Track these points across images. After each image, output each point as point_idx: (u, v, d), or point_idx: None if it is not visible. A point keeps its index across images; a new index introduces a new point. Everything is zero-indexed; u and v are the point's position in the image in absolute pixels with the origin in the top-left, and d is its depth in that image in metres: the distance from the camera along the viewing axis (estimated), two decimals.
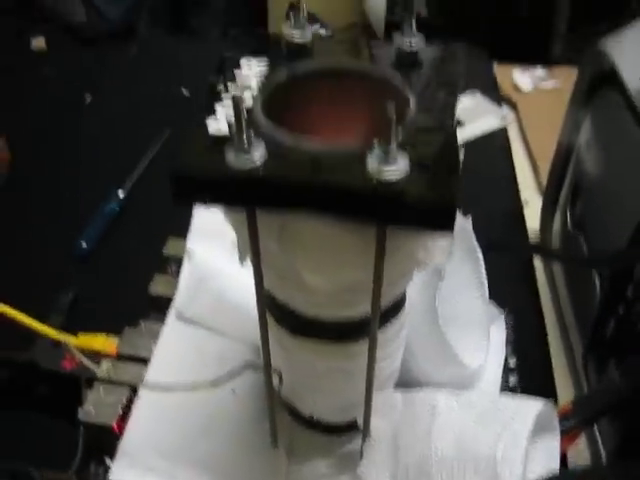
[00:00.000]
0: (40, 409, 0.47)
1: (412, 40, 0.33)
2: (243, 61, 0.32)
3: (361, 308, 0.33)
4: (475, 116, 0.73)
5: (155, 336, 0.47)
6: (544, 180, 0.63)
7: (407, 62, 0.33)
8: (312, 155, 0.26)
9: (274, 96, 0.31)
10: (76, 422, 0.42)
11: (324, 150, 0.27)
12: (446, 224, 0.25)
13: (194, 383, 0.34)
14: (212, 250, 0.48)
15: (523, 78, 0.81)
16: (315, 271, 0.30)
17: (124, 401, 0.42)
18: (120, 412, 0.42)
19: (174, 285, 0.50)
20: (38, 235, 0.62)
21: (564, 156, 0.55)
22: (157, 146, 0.70)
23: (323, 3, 1.59)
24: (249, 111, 0.29)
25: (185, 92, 0.80)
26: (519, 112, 0.78)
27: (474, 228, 0.46)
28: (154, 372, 0.43)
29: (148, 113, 0.77)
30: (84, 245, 0.59)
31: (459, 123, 0.72)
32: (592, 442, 0.41)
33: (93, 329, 0.49)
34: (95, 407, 0.42)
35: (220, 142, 0.26)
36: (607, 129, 0.47)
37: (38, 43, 0.88)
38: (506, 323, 0.49)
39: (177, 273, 0.51)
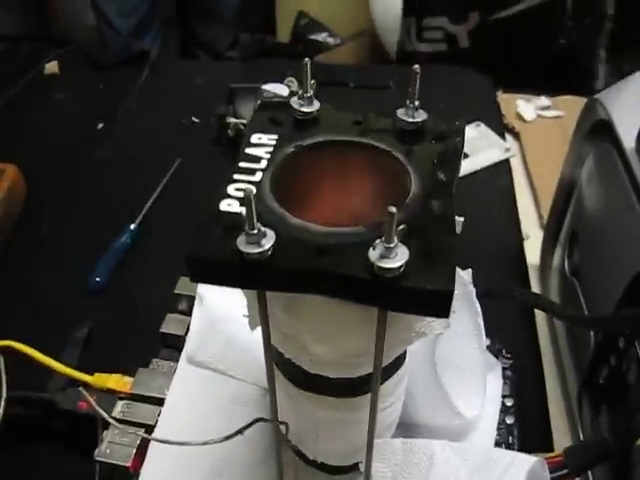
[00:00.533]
0: (56, 444, 0.49)
1: (415, 115, 0.35)
2: (254, 137, 0.34)
3: (363, 369, 0.35)
4: (479, 148, 0.75)
5: (168, 376, 0.49)
6: (545, 213, 0.64)
7: (409, 136, 0.35)
8: (318, 241, 0.28)
9: (282, 167, 0.33)
10: (92, 460, 0.45)
11: (329, 234, 0.29)
12: (443, 311, 0.27)
13: (206, 436, 0.36)
14: (223, 294, 0.49)
15: (527, 107, 0.83)
16: (319, 341, 0.32)
17: (139, 441, 0.44)
18: (135, 452, 0.44)
19: (185, 324, 0.52)
20: (52, 269, 0.64)
21: (565, 195, 0.56)
22: (167, 176, 0.72)
23: (331, 11, 1.61)
24: (258, 186, 0.31)
25: (195, 119, 0.82)
26: (522, 141, 0.79)
27: (474, 263, 0.48)
28: (167, 418, 0.45)
29: (159, 140, 0.79)
30: (98, 279, 0.61)
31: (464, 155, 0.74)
32: None
33: (107, 363, 0.51)
34: (111, 447, 0.44)
35: (232, 228, 0.28)
36: (603, 180, 0.48)
37: (51, 68, 0.90)
38: (504, 362, 0.51)
39: (188, 311, 0.52)
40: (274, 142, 0.34)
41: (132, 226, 0.66)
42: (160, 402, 0.47)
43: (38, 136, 0.80)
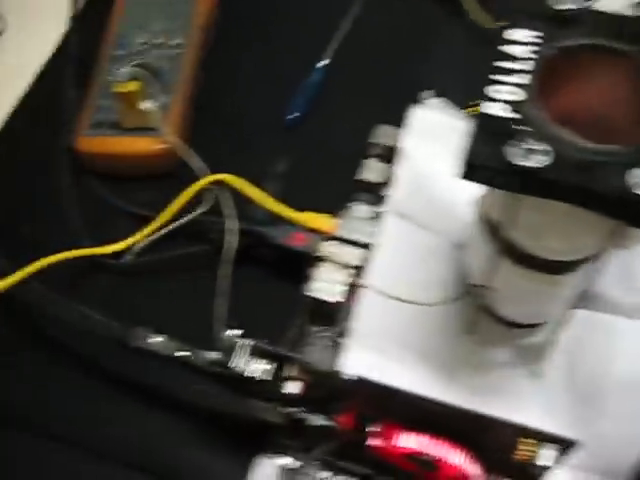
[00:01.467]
0: (266, 274, 0.55)
1: None
2: (510, 33, 0.35)
3: (579, 256, 0.38)
4: None
5: (367, 221, 0.52)
6: None
7: None
8: (582, 156, 0.31)
9: (540, 71, 0.34)
10: (299, 295, 0.49)
11: (592, 151, 0.31)
12: None
13: (409, 287, 0.40)
14: (429, 150, 0.51)
15: None
16: (554, 236, 0.36)
17: (348, 281, 0.49)
18: (343, 291, 0.48)
19: (382, 173, 0.54)
20: (247, 100, 0.66)
21: None
22: (358, 8, 0.71)
23: None
24: (520, 91, 0.33)
25: None
26: None
27: None
28: (374, 266, 0.49)
29: None
30: (294, 114, 0.63)
31: None
32: None
33: (303, 204, 0.55)
34: (320, 284, 0.49)
35: (502, 134, 0.31)
36: None
37: None
38: None
39: (386, 161, 0.55)
40: (532, 40, 0.35)
41: (323, 63, 0.67)
42: (363, 246, 0.50)
43: None
